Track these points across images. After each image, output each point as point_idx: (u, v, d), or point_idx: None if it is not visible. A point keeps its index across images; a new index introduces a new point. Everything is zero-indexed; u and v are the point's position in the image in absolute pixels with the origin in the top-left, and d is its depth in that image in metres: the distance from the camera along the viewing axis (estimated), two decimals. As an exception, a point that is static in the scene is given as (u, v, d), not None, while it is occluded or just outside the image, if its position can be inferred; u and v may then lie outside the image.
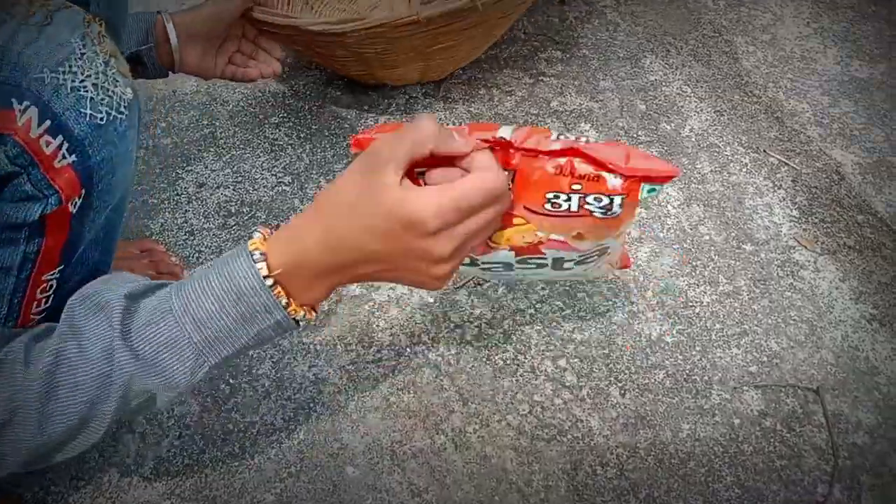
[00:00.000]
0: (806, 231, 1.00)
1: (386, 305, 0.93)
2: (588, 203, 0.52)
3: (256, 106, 1.21)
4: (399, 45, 1.02)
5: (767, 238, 0.99)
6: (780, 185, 1.06)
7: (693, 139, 1.13)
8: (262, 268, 0.49)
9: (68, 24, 0.49)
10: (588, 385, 0.84)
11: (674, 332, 0.89)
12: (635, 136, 1.13)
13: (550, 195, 0.52)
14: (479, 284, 0.95)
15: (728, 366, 0.85)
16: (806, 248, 0.98)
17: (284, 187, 1.07)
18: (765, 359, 0.86)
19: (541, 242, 0.57)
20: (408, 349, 0.88)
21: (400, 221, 0.46)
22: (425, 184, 0.51)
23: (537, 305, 0.92)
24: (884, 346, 0.87)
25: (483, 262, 0.62)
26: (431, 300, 0.93)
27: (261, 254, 0.50)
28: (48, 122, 0.46)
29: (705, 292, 0.93)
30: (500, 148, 0.52)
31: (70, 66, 0.47)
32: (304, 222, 0.51)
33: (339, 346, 0.89)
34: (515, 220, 0.55)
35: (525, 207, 0.54)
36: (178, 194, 1.06)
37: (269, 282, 0.50)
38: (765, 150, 1.11)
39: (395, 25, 0.96)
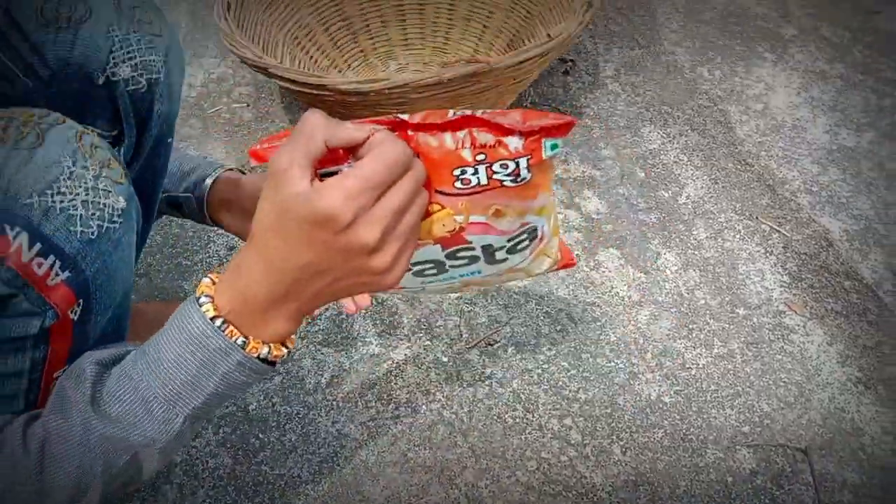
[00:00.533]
0: (796, 296, 1.07)
1: (403, 365, 1.00)
2: (496, 172, 0.52)
3: (281, 171, 1.30)
4: (418, 106, 1.10)
5: (760, 303, 1.06)
6: (772, 252, 1.13)
7: (689, 206, 1.21)
8: (209, 309, 0.50)
9: (59, 141, 0.51)
10: (592, 443, 0.90)
11: (671, 392, 0.95)
12: (635, 202, 1.21)
13: (457, 171, 0.52)
14: (490, 345, 1.02)
15: (722, 426, 0.92)
16: (796, 312, 1.04)
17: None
18: (756, 419, 0.92)
19: (462, 228, 0.56)
20: (423, 406, 0.95)
21: (314, 224, 0.45)
22: None
23: (544, 366, 0.99)
24: (868, 408, 0.93)
25: (413, 262, 0.60)
26: (446, 360, 1.00)
27: (207, 297, 0.50)
28: (39, 245, 0.49)
29: (701, 355, 1.00)
30: (396, 129, 0.51)
31: (59, 188, 0.50)
32: (243, 257, 0.50)
33: (359, 403, 0.96)
34: (431, 208, 0.54)
35: (437, 191, 0.53)
36: (209, 256, 1.14)
37: (218, 322, 0.50)
38: (757, 218, 1.18)
39: (417, 86, 1.03)
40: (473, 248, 0.59)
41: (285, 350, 0.53)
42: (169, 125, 0.74)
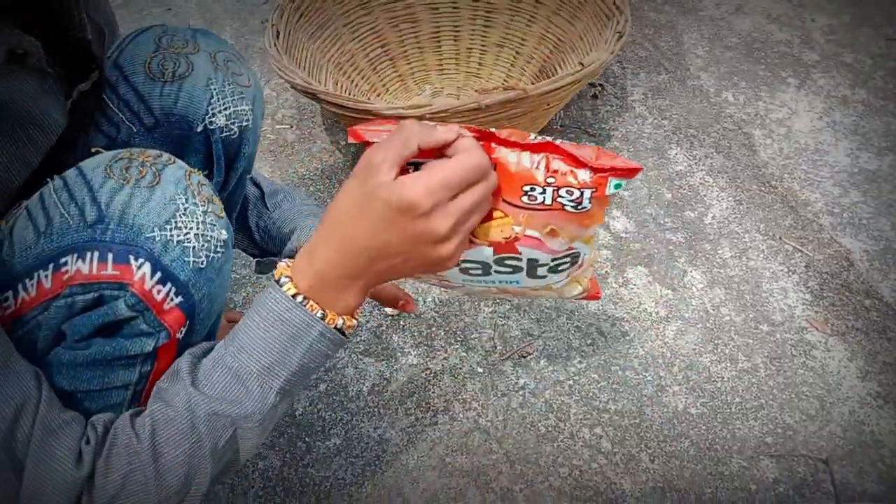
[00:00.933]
0: (817, 314, 1.11)
1: (440, 374, 1.05)
2: (560, 196, 0.57)
3: (325, 191, 1.36)
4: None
5: (783, 320, 1.10)
6: (795, 271, 1.17)
7: (715, 226, 1.25)
8: (290, 288, 0.56)
9: (173, 180, 0.57)
10: (621, 451, 0.95)
11: (697, 404, 1.00)
12: (662, 222, 1.26)
13: (527, 188, 0.57)
14: (523, 357, 1.07)
15: (746, 436, 0.96)
16: (817, 329, 1.09)
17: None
18: (779, 430, 0.97)
19: (517, 238, 0.60)
20: (460, 414, 1.00)
21: (397, 209, 0.51)
22: None
23: (575, 377, 1.04)
24: (888, 422, 0.97)
25: (462, 260, 0.65)
26: (481, 370, 1.05)
27: (286, 277, 0.56)
28: (159, 274, 0.54)
29: (726, 368, 1.04)
30: (483, 139, 0.56)
31: (176, 223, 0.55)
32: (318, 239, 0.56)
33: (400, 411, 1.01)
34: (495, 214, 0.59)
35: (504, 200, 0.58)
36: (256, 270, 1.21)
37: (300, 299, 0.56)
38: (780, 238, 1.23)
39: (457, 111, 1.09)
40: (520, 260, 0.64)
41: (355, 322, 0.59)
42: (251, 163, 0.81)
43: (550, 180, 0.57)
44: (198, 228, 0.57)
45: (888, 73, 1.57)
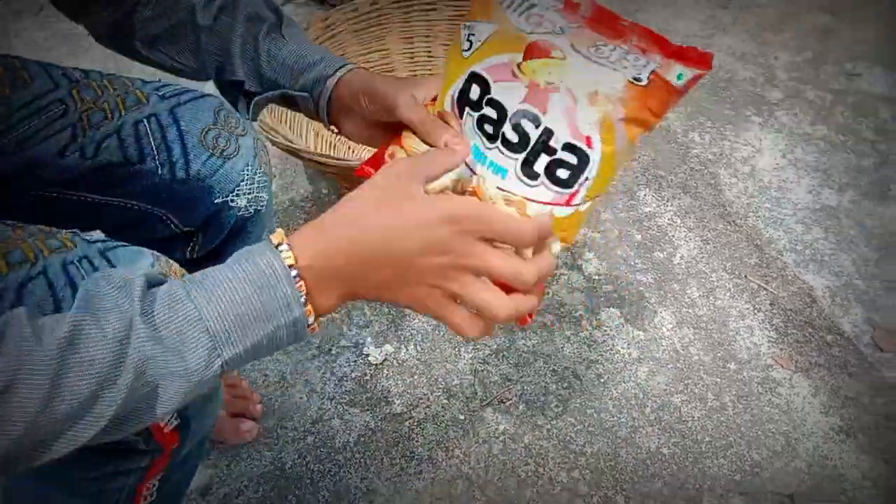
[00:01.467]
0: (782, 350, 1.16)
1: (423, 423, 1.09)
2: (625, 59, 0.55)
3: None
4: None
5: (749, 358, 1.15)
6: (760, 309, 1.23)
7: (683, 266, 1.31)
8: (289, 257, 0.47)
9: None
10: (598, 494, 1.00)
11: (669, 444, 1.05)
12: (632, 263, 1.31)
13: (601, 43, 0.56)
14: (502, 402, 1.11)
15: (716, 475, 1.01)
16: (782, 366, 1.14)
17: (334, 316, 1.25)
18: (747, 468, 1.01)
19: (556, 89, 0.55)
20: (444, 463, 1.04)
21: (437, 217, 0.47)
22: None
23: (552, 421, 1.08)
24: (850, 455, 1.02)
25: (490, 99, 0.58)
26: (462, 417, 1.10)
27: (287, 245, 0.48)
28: None
29: (696, 408, 1.09)
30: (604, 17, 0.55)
31: None
32: (332, 221, 0.49)
33: (385, 460, 1.05)
34: (553, 53, 0.56)
35: (572, 46, 0.56)
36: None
37: (294, 273, 0.47)
38: (746, 276, 1.28)
39: None
40: (538, 126, 0.56)
41: (318, 327, 0.50)
42: (252, 242, 0.84)
43: (624, 46, 0.56)
44: None
45: (847, 109, 1.64)
